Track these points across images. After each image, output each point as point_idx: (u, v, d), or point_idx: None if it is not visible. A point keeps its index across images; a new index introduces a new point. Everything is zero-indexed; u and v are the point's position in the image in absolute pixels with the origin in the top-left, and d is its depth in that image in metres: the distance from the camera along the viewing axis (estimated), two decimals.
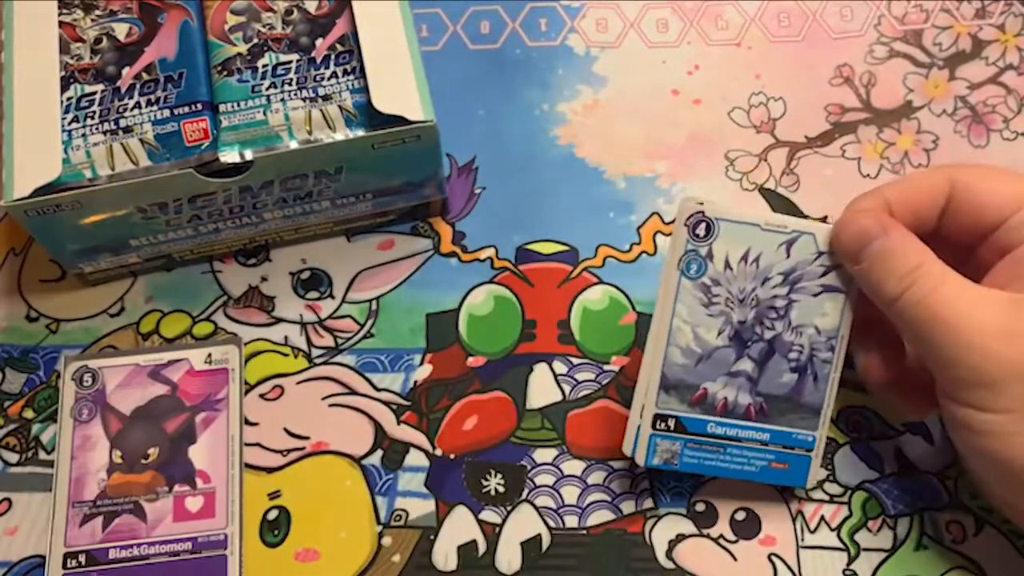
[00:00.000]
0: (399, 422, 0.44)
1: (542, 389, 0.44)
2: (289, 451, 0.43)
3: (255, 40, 0.42)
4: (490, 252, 0.47)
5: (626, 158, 0.49)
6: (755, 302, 0.37)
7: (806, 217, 0.47)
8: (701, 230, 0.36)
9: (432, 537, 0.42)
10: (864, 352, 0.39)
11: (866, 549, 0.41)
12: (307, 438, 0.43)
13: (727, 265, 0.37)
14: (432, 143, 0.41)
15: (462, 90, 0.51)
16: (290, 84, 0.41)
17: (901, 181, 0.38)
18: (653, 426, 0.38)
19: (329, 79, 0.41)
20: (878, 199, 0.37)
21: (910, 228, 0.36)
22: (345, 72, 0.42)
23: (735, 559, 0.41)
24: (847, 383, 0.42)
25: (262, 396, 0.44)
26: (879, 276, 0.36)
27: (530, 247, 0.47)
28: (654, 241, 0.47)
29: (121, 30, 0.43)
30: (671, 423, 0.38)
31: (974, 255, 0.38)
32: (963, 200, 0.37)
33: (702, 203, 0.37)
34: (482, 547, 0.41)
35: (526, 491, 0.42)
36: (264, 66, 0.42)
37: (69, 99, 0.41)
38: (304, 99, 0.41)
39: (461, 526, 0.42)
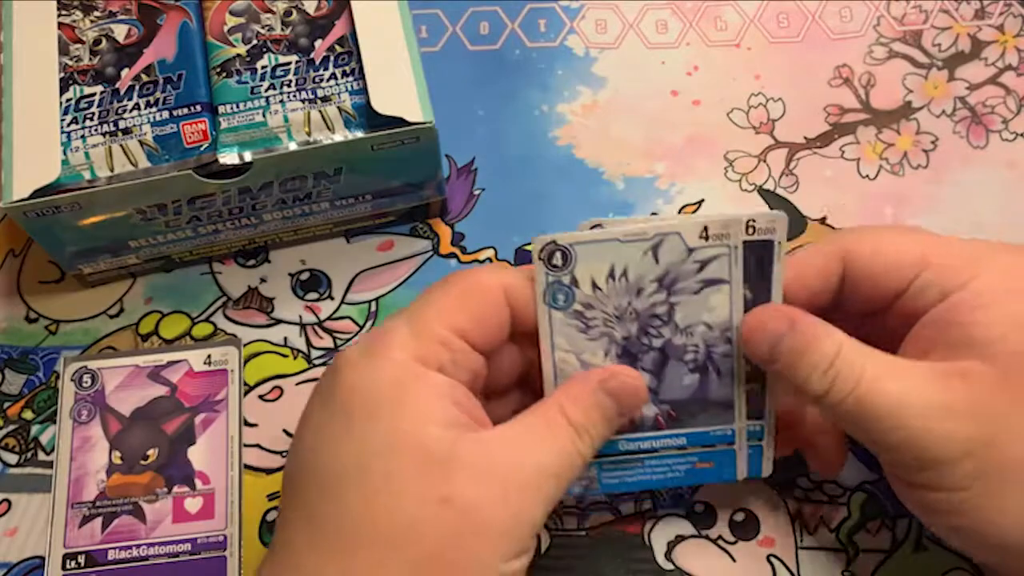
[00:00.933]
0: None
1: None
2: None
3: (254, 41, 0.42)
4: (489, 253, 0.47)
5: (625, 159, 0.49)
6: (635, 315, 0.36)
7: (804, 220, 0.47)
8: (557, 260, 0.35)
9: None
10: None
11: (865, 550, 0.41)
12: None
13: (595, 287, 0.35)
14: (431, 144, 0.41)
15: (461, 91, 0.51)
16: (289, 85, 0.41)
17: (790, 261, 0.36)
18: None
19: (328, 80, 0.41)
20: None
21: (808, 309, 0.34)
22: (344, 73, 0.42)
23: (734, 560, 0.41)
24: None
25: (261, 397, 0.44)
26: (798, 375, 0.33)
27: (529, 248, 0.47)
28: None
29: (120, 31, 0.43)
30: None
31: (881, 324, 0.36)
32: (857, 272, 0.35)
33: (554, 237, 0.35)
34: None
35: None
36: (263, 67, 0.42)
37: (68, 100, 0.41)
38: (303, 100, 0.41)
39: None
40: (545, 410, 0.33)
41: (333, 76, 0.42)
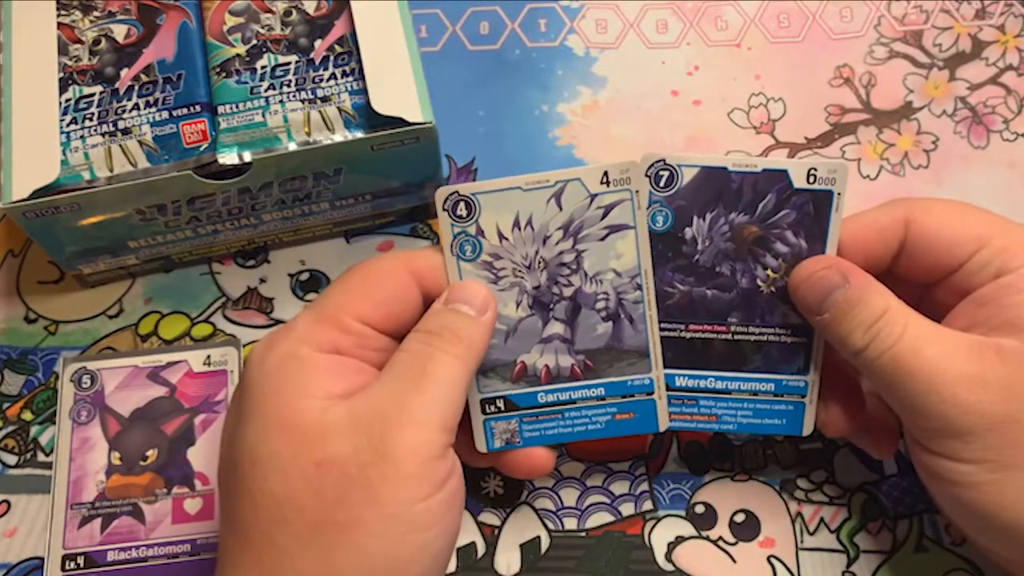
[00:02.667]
0: None
1: None
2: None
3: (254, 41, 0.42)
4: None
5: (626, 159, 0.49)
6: (543, 264, 0.36)
7: None
8: (462, 210, 0.35)
9: None
10: (824, 406, 0.38)
11: (865, 551, 0.41)
12: None
13: (501, 236, 0.35)
14: (431, 144, 0.41)
15: (461, 91, 0.50)
16: (289, 86, 0.41)
17: (854, 219, 0.37)
18: (483, 411, 0.37)
19: (328, 80, 0.41)
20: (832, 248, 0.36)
21: (865, 269, 0.35)
22: (344, 73, 0.42)
23: (734, 561, 0.41)
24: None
25: None
26: (843, 328, 0.34)
27: None
28: None
29: (120, 31, 0.43)
30: (500, 404, 0.37)
31: (931, 294, 0.36)
32: (919, 242, 0.36)
33: (456, 187, 0.35)
34: (481, 549, 0.41)
35: (525, 493, 0.42)
36: (263, 67, 0.42)
37: (68, 100, 0.41)
38: (303, 100, 0.41)
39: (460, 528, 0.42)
40: (404, 342, 0.34)
41: (333, 76, 0.41)
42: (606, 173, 0.35)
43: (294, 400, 0.32)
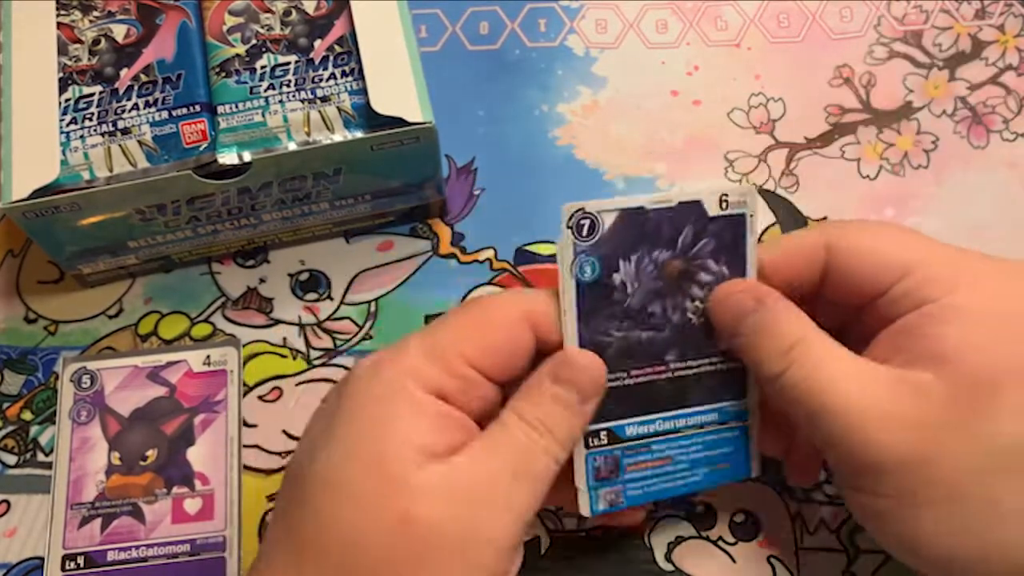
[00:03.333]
0: None
1: None
2: (288, 453, 0.43)
3: (253, 41, 0.42)
4: (489, 253, 0.47)
5: (626, 159, 0.49)
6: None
7: (804, 221, 0.47)
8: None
9: None
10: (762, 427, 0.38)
11: (865, 551, 0.41)
12: None
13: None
14: (431, 144, 0.41)
15: (461, 91, 0.50)
16: (288, 85, 0.41)
17: (774, 245, 0.36)
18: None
19: (328, 80, 0.41)
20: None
21: (787, 293, 0.34)
22: (344, 73, 0.42)
23: (734, 561, 0.41)
24: None
25: (261, 398, 0.44)
26: (757, 353, 0.34)
27: (529, 248, 0.47)
28: None
29: (119, 31, 0.43)
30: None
31: (861, 318, 0.35)
32: (841, 268, 0.35)
33: (582, 205, 0.35)
34: None
35: None
36: (262, 67, 0.42)
37: (67, 100, 0.41)
38: (303, 100, 0.41)
39: None
40: (501, 416, 0.33)
41: (332, 76, 0.41)
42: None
43: (390, 441, 0.31)
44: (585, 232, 0.34)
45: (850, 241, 0.35)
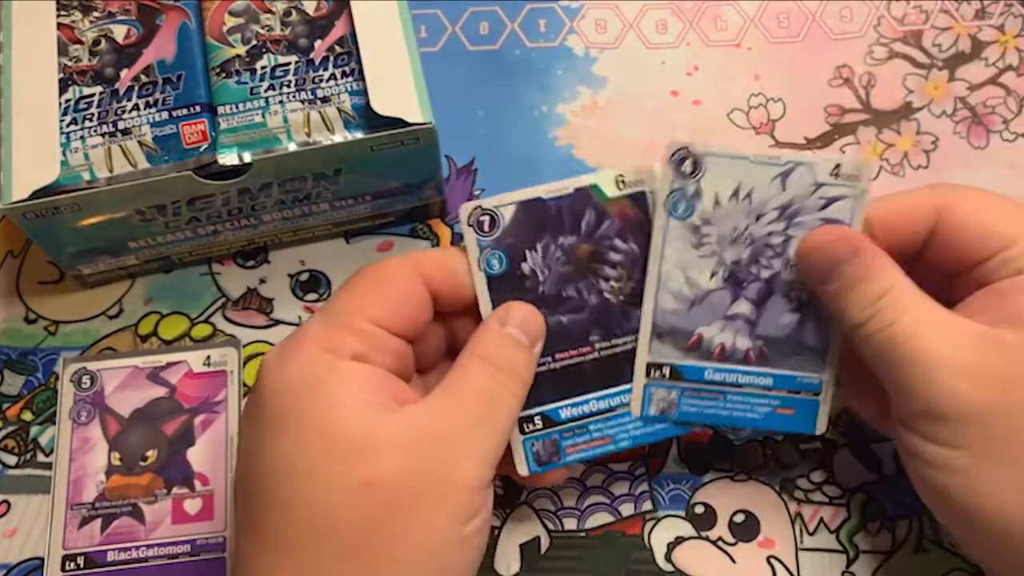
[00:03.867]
0: None
1: None
2: None
3: (253, 42, 0.42)
4: None
5: (626, 159, 0.49)
6: (749, 240, 0.35)
7: None
8: (687, 167, 0.34)
9: None
10: (857, 400, 0.38)
11: (865, 551, 0.41)
12: None
13: (717, 203, 0.35)
14: (431, 145, 0.41)
15: (461, 91, 0.50)
16: (288, 86, 0.41)
17: (887, 200, 0.36)
18: (647, 375, 0.37)
19: (328, 81, 0.41)
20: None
21: (890, 250, 0.35)
22: (344, 74, 0.42)
23: (734, 561, 0.41)
24: None
25: None
26: (845, 301, 0.34)
27: None
28: None
29: (119, 32, 0.43)
30: (666, 371, 0.37)
31: (953, 282, 0.36)
32: (949, 232, 0.35)
33: (687, 143, 0.35)
34: None
35: (525, 493, 0.42)
36: (263, 68, 0.42)
37: (67, 101, 0.41)
38: (303, 101, 0.41)
39: None
40: (457, 365, 0.34)
41: (333, 76, 0.41)
42: (838, 166, 0.35)
43: (333, 411, 0.31)
44: (487, 228, 0.35)
45: (961, 208, 0.35)
